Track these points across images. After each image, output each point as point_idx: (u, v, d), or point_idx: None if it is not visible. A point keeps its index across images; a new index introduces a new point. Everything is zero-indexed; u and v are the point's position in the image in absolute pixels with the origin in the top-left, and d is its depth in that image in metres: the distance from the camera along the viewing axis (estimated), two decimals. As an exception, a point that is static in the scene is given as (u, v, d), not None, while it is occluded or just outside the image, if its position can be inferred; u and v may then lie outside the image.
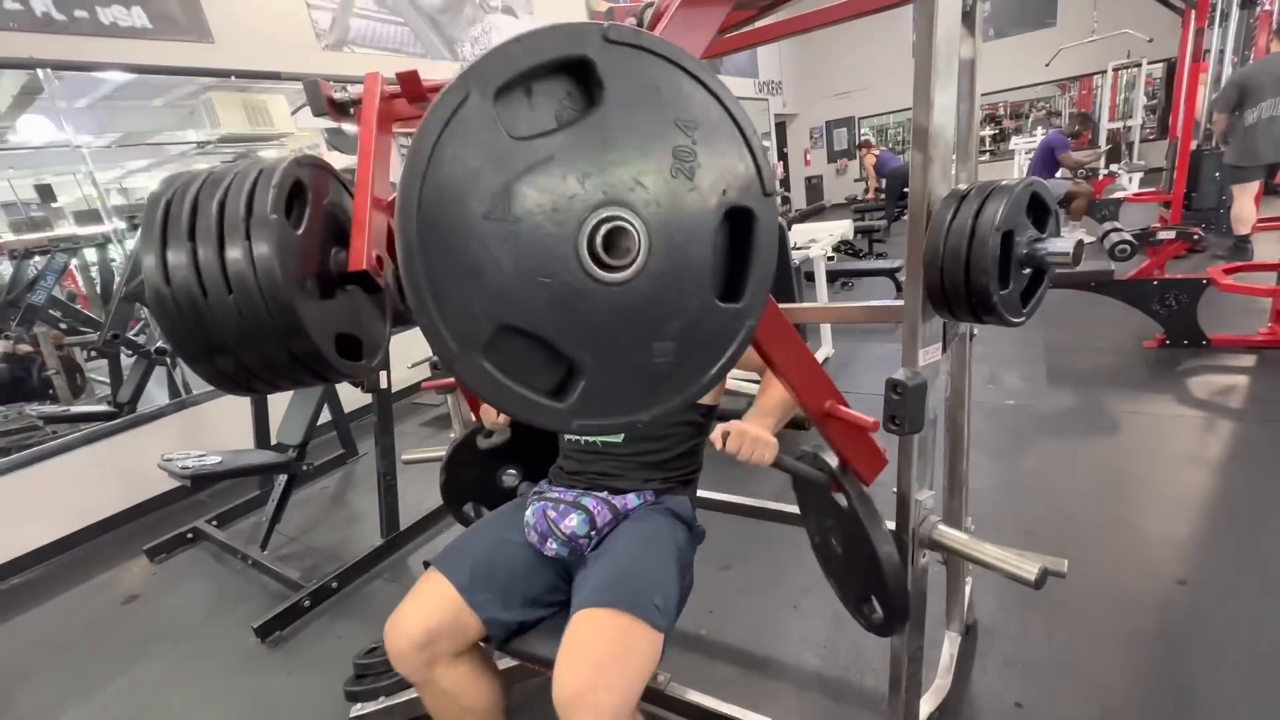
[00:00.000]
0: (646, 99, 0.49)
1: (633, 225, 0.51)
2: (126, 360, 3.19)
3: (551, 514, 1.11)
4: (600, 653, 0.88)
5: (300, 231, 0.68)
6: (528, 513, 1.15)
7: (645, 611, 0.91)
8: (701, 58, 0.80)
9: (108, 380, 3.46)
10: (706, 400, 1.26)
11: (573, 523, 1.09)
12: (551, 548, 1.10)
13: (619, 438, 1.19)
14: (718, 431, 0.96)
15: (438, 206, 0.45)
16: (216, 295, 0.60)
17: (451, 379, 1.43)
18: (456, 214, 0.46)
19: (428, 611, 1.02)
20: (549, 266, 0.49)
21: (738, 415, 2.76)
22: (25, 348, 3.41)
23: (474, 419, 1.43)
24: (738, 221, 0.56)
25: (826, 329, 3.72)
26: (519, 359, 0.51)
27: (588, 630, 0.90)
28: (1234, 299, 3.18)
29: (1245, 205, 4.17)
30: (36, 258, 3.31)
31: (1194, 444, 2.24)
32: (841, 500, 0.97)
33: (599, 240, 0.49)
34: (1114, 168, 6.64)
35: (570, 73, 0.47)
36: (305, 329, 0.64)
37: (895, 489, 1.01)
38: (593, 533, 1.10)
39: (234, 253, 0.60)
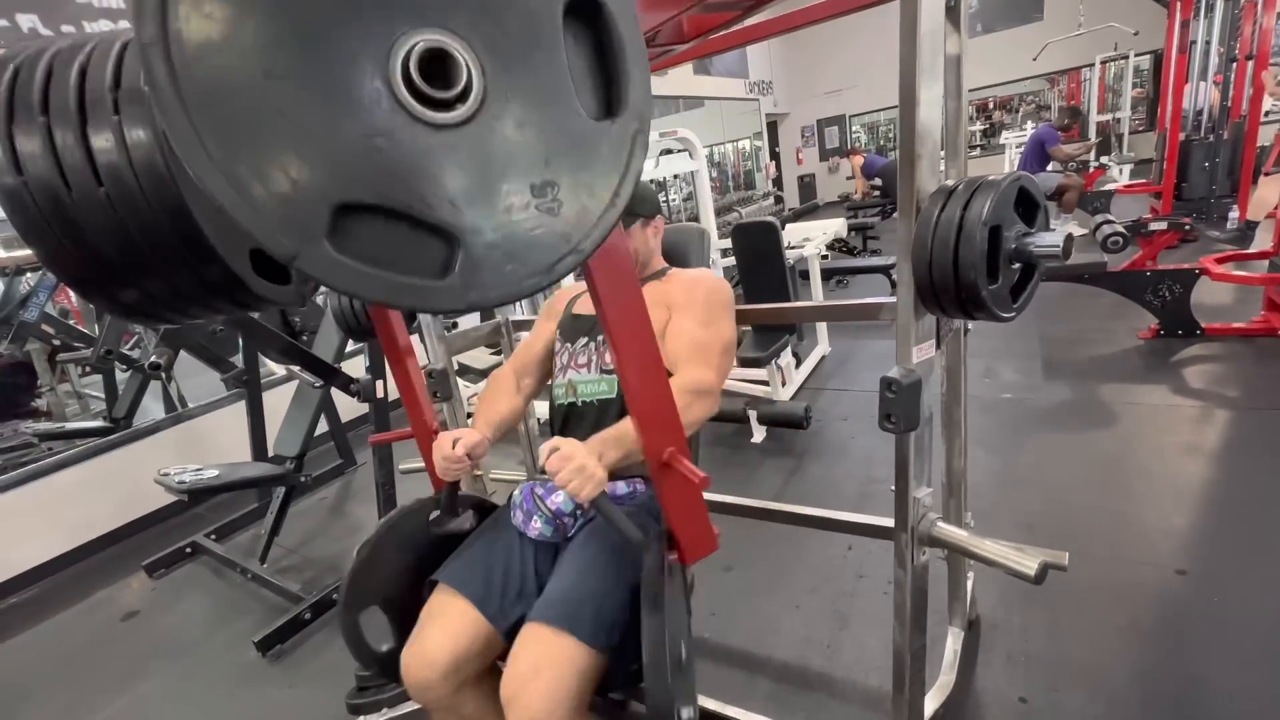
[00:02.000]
0: None
1: (450, 45, 0.43)
2: (121, 376, 3.19)
3: (539, 491, 1.10)
4: (530, 662, 0.89)
5: None
6: (515, 492, 1.15)
7: (582, 630, 0.91)
8: (689, 59, 0.80)
9: (103, 395, 3.45)
10: None
11: (559, 498, 1.08)
12: (535, 527, 1.09)
13: (610, 392, 1.13)
14: (546, 445, 0.88)
15: (201, 77, 0.36)
16: (83, 188, 0.48)
17: (406, 430, 1.30)
18: (229, 82, 0.37)
19: (453, 634, 0.98)
20: (370, 121, 0.41)
21: (736, 416, 2.73)
22: (18, 363, 3.40)
23: (432, 488, 1.19)
24: (587, 20, 0.48)
25: (823, 326, 3.73)
26: (380, 241, 0.43)
27: (525, 640, 0.92)
28: (1227, 288, 3.20)
29: (1273, 191, 4.12)
30: (28, 274, 3.29)
31: (1191, 434, 2.24)
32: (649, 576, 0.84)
33: (415, 74, 0.42)
34: (1104, 160, 6.68)
35: None
36: (201, 232, 0.52)
37: (892, 487, 1.01)
38: (578, 510, 1.09)
39: (102, 131, 0.48)
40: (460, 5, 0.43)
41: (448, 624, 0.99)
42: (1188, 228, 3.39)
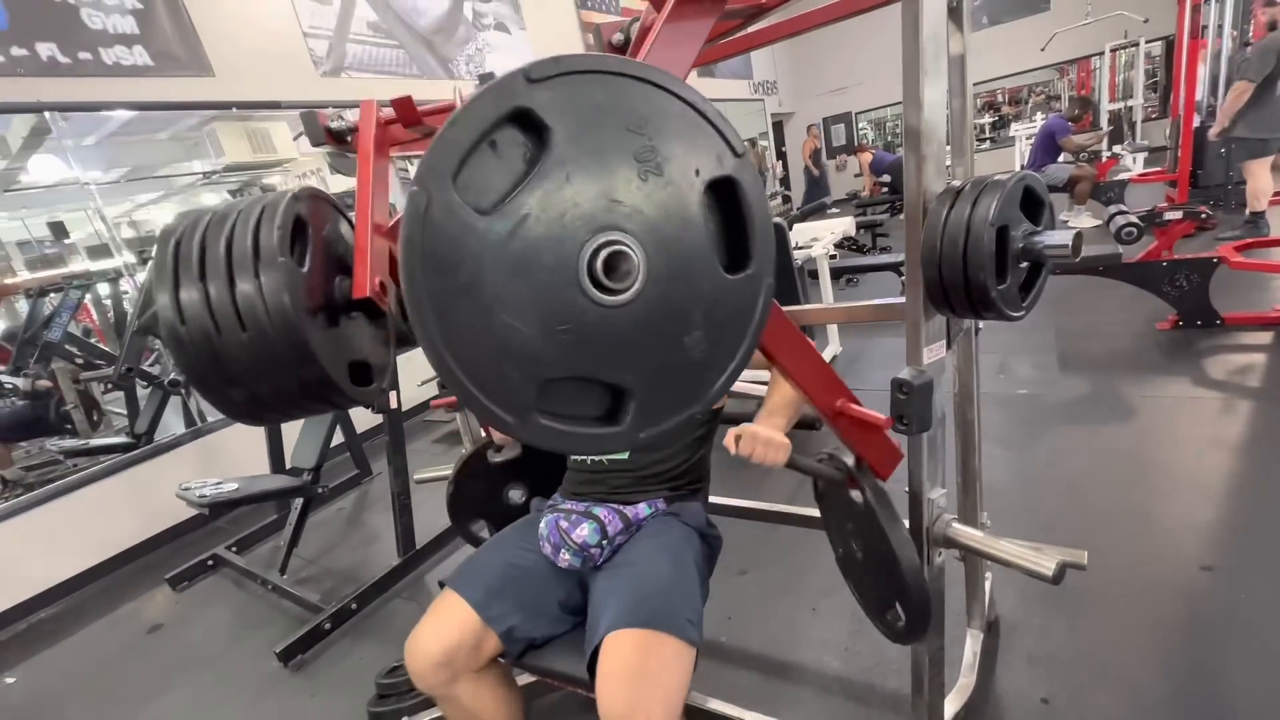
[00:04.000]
0: (592, 118, 0.50)
1: (624, 243, 0.51)
2: (142, 392, 3.25)
3: (564, 524, 1.11)
4: (640, 671, 0.88)
5: (305, 267, 0.69)
6: (541, 525, 1.16)
7: (677, 628, 0.92)
8: (694, 66, 0.81)
9: (125, 412, 3.51)
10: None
11: (584, 532, 1.09)
12: (565, 559, 1.10)
13: (624, 454, 1.19)
14: (730, 435, 0.96)
15: (444, 302, 0.47)
16: (230, 331, 0.62)
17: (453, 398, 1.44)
18: (464, 301, 0.47)
19: (445, 630, 1.03)
20: (565, 313, 0.50)
21: (747, 417, 2.75)
22: (44, 384, 3.47)
23: (483, 434, 1.44)
24: (721, 193, 0.56)
25: (833, 326, 3.71)
26: (569, 402, 0.53)
27: (624, 650, 0.90)
28: (1247, 276, 3.14)
29: (1264, 179, 4.07)
30: (51, 295, 3.37)
31: (1213, 426, 2.20)
32: (858, 499, 0.96)
33: (599, 269, 0.50)
34: (1117, 149, 6.58)
35: (517, 122, 0.48)
36: (317, 359, 0.65)
37: (907, 488, 1.00)
38: (604, 542, 1.10)
39: (245, 288, 0.62)
40: (630, 209, 0.52)
41: (441, 621, 1.05)
42: (1204, 216, 3.33)
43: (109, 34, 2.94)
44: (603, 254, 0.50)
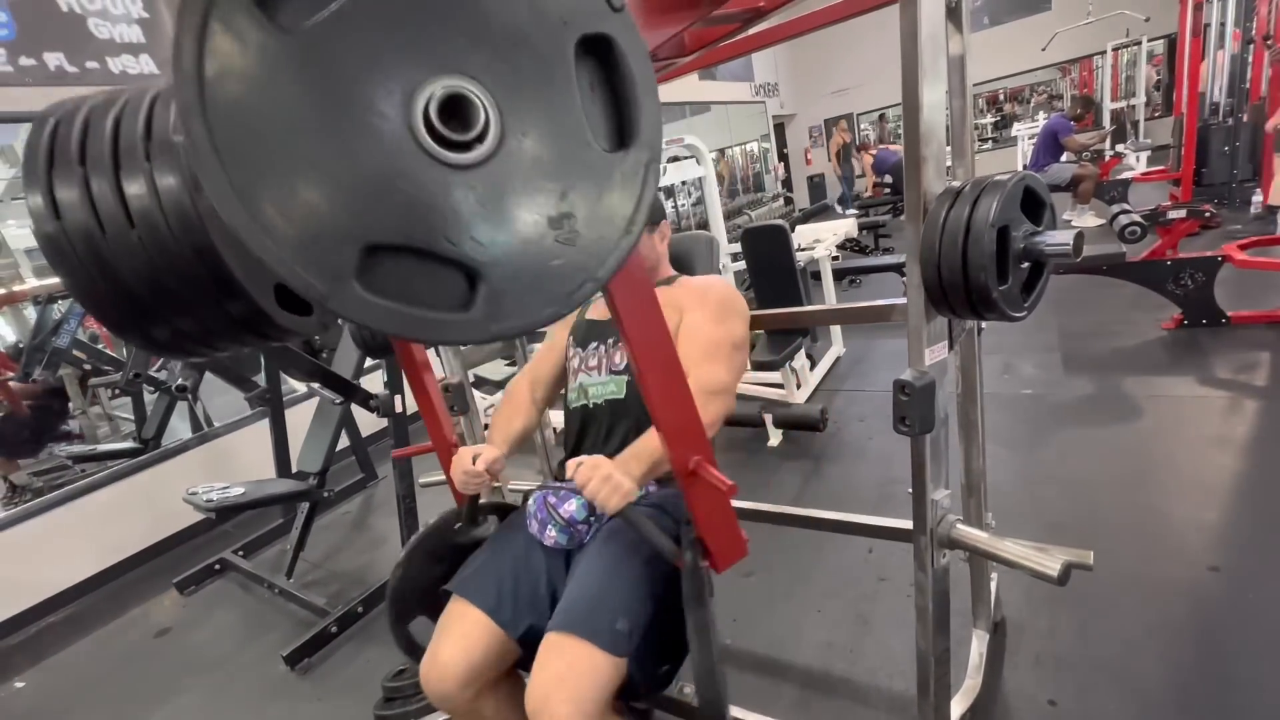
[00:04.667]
0: None
1: (469, 90, 0.44)
2: (149, 397, 3.27)
3: (552, 500, 1.10)
4: (555, 675, 0.90)
5: None
6: (529, 502, 1.15)
7: (601, 638, 0.91)
8: (693, 69, 0.81)
9: (132, 417, 3.54)
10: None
11: (572, 507, 1.08)
12: (551, 535, 1.09)
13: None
14: (572, 460, 0.92)
15: (236, 133, 0.39)
16: (118, 235, 0.51)
17: (426, 445, 1.33)
18: (263, 135, 0.39)
19: (468, 645, 1.00)
20: (394, 165, 0.43)
21: (751, 419, 2.74)
22: (52, 388, 3.50)
23: (454, 500, 1.22)
24: (598, 55, 0.50)
25: (837, 327, 3.70)
26: (405, 278, 0.45)
27: (549, 652, 0.92)
28: (1253, 275, 3.12)
29: None
30: (59, 302, 3.40)
31: (1219, 425, 2.19)
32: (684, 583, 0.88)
33: (434, 117, 0.43)
34: (1120, 148, 6.57)
35: None
36: (231, 276, 0.54)
37: (910, 489, 1.00)
38: (592, 518, 1.09)
39: (134, 185, 0.51)
40: (476, 51, 0.45)
41: (461, 635, 1.01)
42: (1209, 214, 3.32)
43: (116, 43, 2.96)
44: (438, 97, 0.43)
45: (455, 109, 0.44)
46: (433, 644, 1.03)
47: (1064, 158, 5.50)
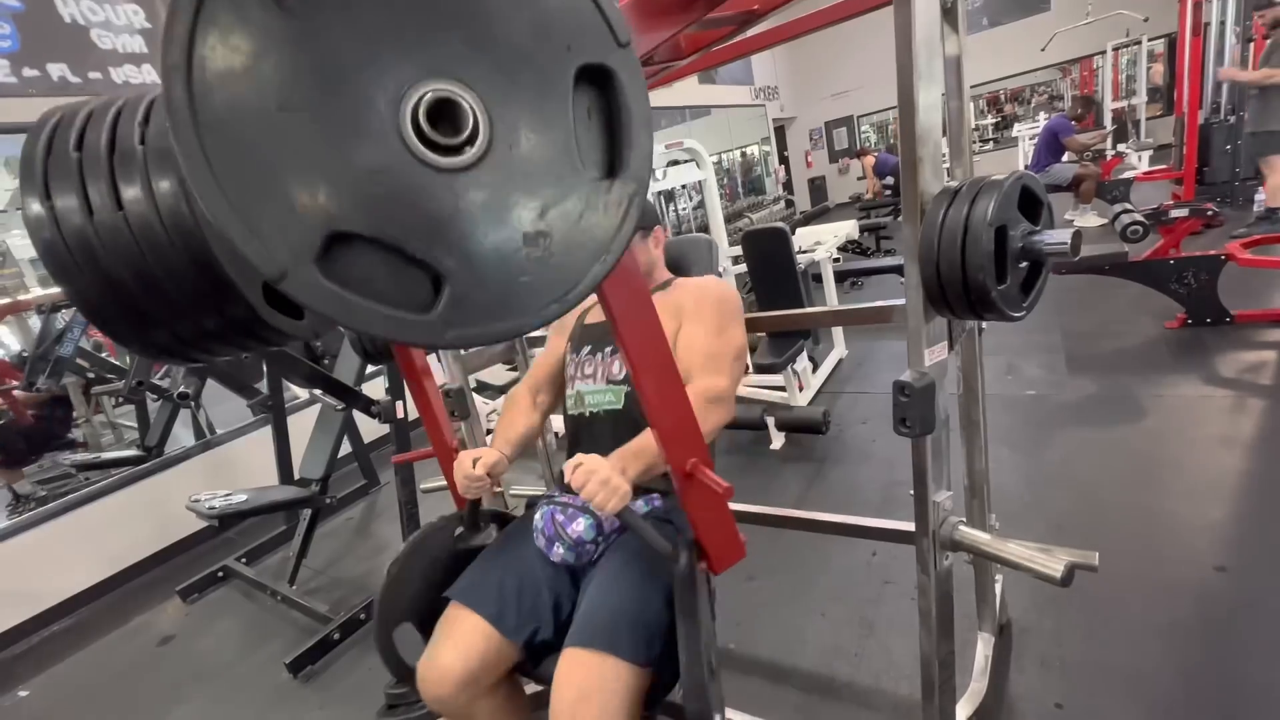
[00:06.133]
0: None
1: (461, 96, 0.44)
2: (152, 405, 3.28)
3: (560, 518, 1.08)
4: (580, 690, 0.89)
5: None
6: (536, 516, 1.13)
7: (624, 649, 0.91)
8: (690, 72, 0.81)
9: (135, 425, 3.55)
10: None
11: (580, 527, 1.07)
12: (558, 553, 1.08)
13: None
14: (570, 461, 0.90)
15: (217, 104, 0.38)
16: (111, 233, 0.52)
17: (427, 450, 1.32)
18: (243, 110, 0.39)
19: (465, 651, 1.00)
20: (375, 157, 0.43)
21: (753, 423, 2.73)
22: (56, 397, 3.52)
23: (454, 504, 1.22)
24: (598, 84, 0.50)
25: (838, 330, 3.70)
26: (369, 272, 0.44)
27: (571, 667, 0.91)
28: (1257, 273, 3.11)
29: None
30: (63, 311, 3.42)
31: (1224, 424, 2.18)
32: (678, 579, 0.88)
33: (423, 120, 0.43)
34: (1121, 147, 6.55)
35: None
36: (224, 275, 0.54)
37: (911, 491, 1.00)
38: (600, 538, 1.08)
39: (130, 187, 0.52)
40: (476, 59, 0.45)
41: (460, 639, 1.01)
42: (1211, 213, 3.30)
43: (119, 53, 2.99)
44: (429, 100, 0.43)
45: (446, 112, 0.45)
46: (431, 647, 1.03)
47: (1065, 158, 5.50)
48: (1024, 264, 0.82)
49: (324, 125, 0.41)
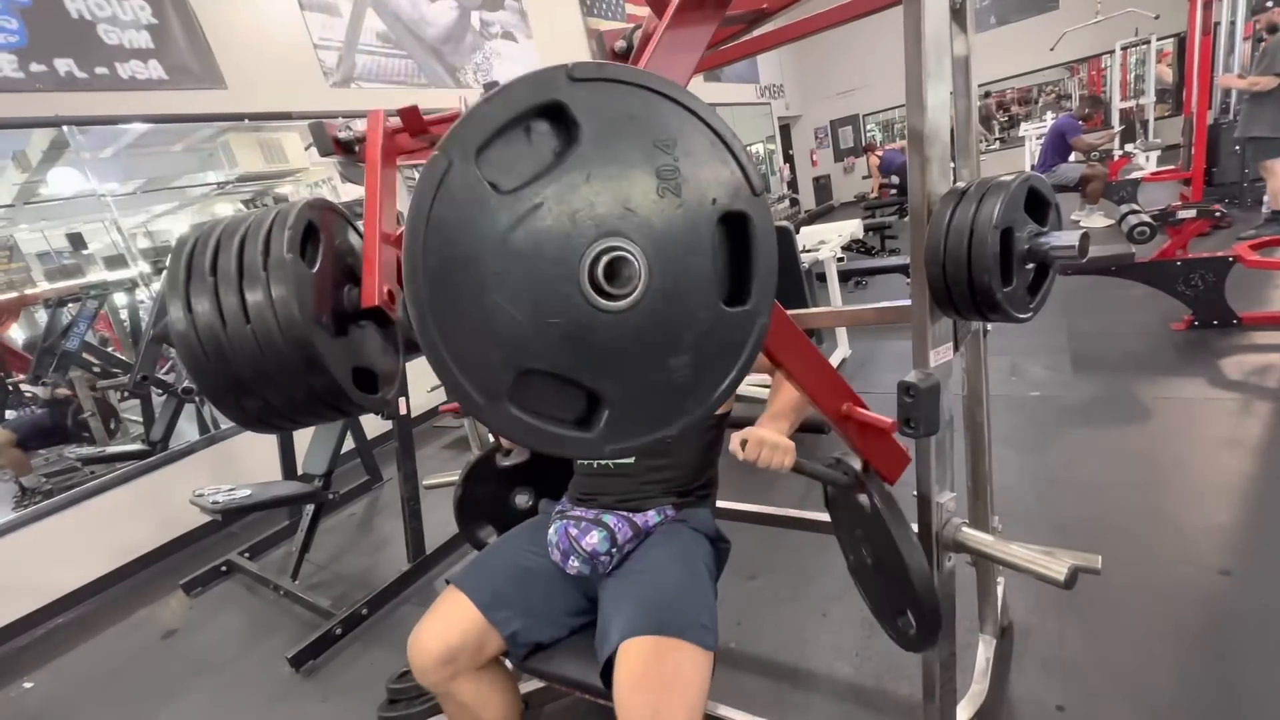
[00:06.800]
0: (622, 127, 0.51)
1: (630, 252, 0.51)
2: (157, 400, 3.29)
3: (573, 531, 1.11)
4: (659, 678, 0.88)
5: (314, 270, 0.71)
6: (550, 531, 1.15)
7: (693, 633, 0.92)
8: (696, 71, 0.81)
9: (140, 419, 3.57)
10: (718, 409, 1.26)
11: (594, 539, 1.09)
12: (574, 565, 1.10)
13: (631, 459, 1.18)
14: (735, 439, 0.95)
15: (441, 270, 0.47)
16: (238, 333, 0.63)
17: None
18: (461, 274, 0.47)
19: (448, 629, 1.04)
20: (557, 307, 0.50)
21: (752, 421, 2.74)
22: (63, 392, 3.53)
23: (491, 439, 1.45)
24: (733, 226, 0.57)
25: (842, 329, 3.69)
26: (543, 397, 0.52)
27: (641, 657, 0.90)
28: (1264, 275, 3.09)
29: None
30: (70, 305, 3.44)
31: (1230, 427, 2.17)
32: (867, 504, 0.96)
33: (600, 272, 0.50)
34: (1129, 148, 6.51)
35: (547, 115, 0.49)
36: (323, 364, 0.66)
37: (915, 492, 0.99)
38: (614, 550, 1.10)
39: (255, 296, 0.63)
40: (642, 220, 0.52)
41: (445, 620, 1.06)
42: (1219, 214, 3.28)
43: (125, 49, 2.99)
44: (605, 258, 0.50)
45: (616, 265, 0.52)
46: (420, 622, 1.08)
47: (1072, 158, 5.46)
48: (1030, 265, 0.81)
49: (521, 282, 0.49)
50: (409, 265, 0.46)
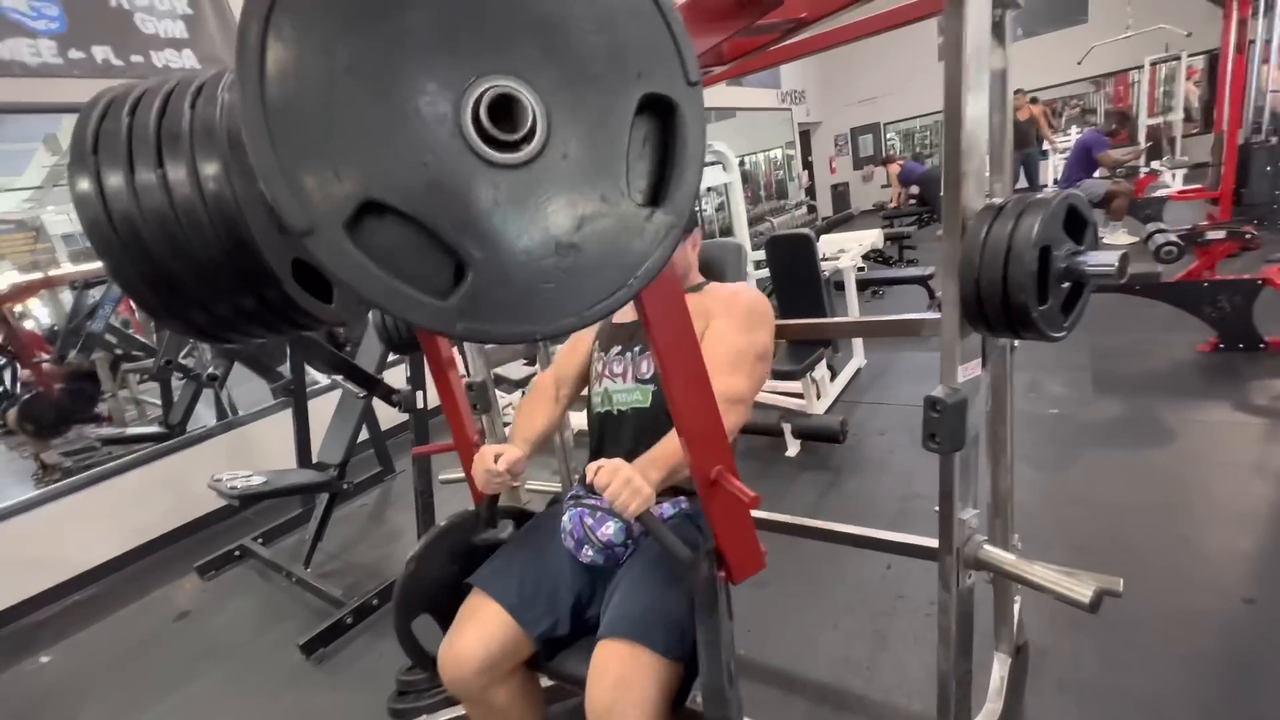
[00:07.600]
0: None
1: (525, 97, 0.45)
2: (176, 383, 3.34)
3: (589, 521, 1.09)
4: (619, 680, 0.90)
5: None
6: (564, 518, 1.14)
7: (657, 643, 0.92)
8: (729, 76, 0.80)
9: (159, 402, 3.62)
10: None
11: (610, 530, 1.08)
12: (588, 555, 1.09)
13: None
14: (593, 464, 0.90)
15: (288, 51, 0.39)
16: (159, 223, 0.53)
17: (448, 443, 1.34)
18: (314, 62, 0.40)
19: (486, 637, 1.03)
20: (428, 139, 0.43)
21: (770, 429, 2.71)
22: (85, 371, 3.60)
23: (474, 497, 1.20)
24: (660, 115, 0.51)
25: (858, 339, 3.66)
26: (396, 248, 0.44)
27: (608, 658, 0.93)
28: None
29: None
30: (95, 288, 3.50)
31: (1255, 453, 2.13)
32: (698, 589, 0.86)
33: (484, 112, 0.44)
34: (1155, 165, 6.41)
35: None
36: (253, 247, 0.55)
37: (936, 506, 0.99)
38: (629, 541, 1.09)
39: (175, 169, 0.53)
40: (548, 68, 0.46)
41: (480, 627, 1.03)
42: (1249, 236, 3.22)
43: (160, 38, 3.04)
44: (493, 95, 0.43)
45: (507, 110, 0.45)
46: (452, 632, 1.06)
47: (1097, 173, 5.39)
48: (1065, 284, 0.81)
49: (384, 100, 0.42)
50: (244, 27, 0.38)
